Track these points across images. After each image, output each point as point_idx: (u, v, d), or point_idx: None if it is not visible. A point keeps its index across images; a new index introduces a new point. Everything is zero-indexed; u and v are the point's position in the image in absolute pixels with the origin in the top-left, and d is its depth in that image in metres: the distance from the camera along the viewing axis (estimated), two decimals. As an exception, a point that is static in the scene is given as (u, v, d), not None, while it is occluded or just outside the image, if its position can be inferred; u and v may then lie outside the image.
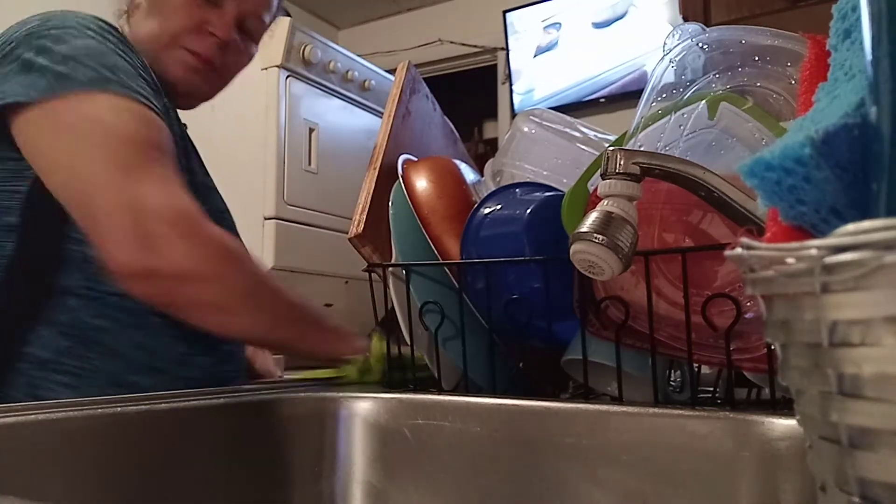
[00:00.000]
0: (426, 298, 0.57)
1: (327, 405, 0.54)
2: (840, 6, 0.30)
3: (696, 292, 0.47)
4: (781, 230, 0.25)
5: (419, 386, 0.59)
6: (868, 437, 0.19)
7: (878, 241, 0.18)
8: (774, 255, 0.21)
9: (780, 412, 0.41)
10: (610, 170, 0.41)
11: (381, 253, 0.64)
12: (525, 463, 0.46)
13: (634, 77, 2.70)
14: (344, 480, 0.52)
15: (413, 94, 0.77)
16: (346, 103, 2.24)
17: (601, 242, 0.39)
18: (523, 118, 0.70)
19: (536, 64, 2.95)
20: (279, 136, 1.99)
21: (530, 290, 0.55)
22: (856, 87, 0.26)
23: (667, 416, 0.43)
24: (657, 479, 0.42)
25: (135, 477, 0.43)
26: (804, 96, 0.35)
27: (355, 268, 0.71)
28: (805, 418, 0.23)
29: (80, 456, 0.41)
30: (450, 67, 3.27)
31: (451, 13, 3.24)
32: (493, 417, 0.49)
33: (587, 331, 0.52)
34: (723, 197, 0.41)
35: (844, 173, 0.23)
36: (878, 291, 0.18)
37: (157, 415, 0.46)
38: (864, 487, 0.20)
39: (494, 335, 0.57)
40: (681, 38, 0.55)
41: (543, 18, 2.93)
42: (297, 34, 2.04)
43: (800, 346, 0.22)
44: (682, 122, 0.52)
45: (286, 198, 2.00)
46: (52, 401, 0.44)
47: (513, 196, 0.61)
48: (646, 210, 0.50)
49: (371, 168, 0.68)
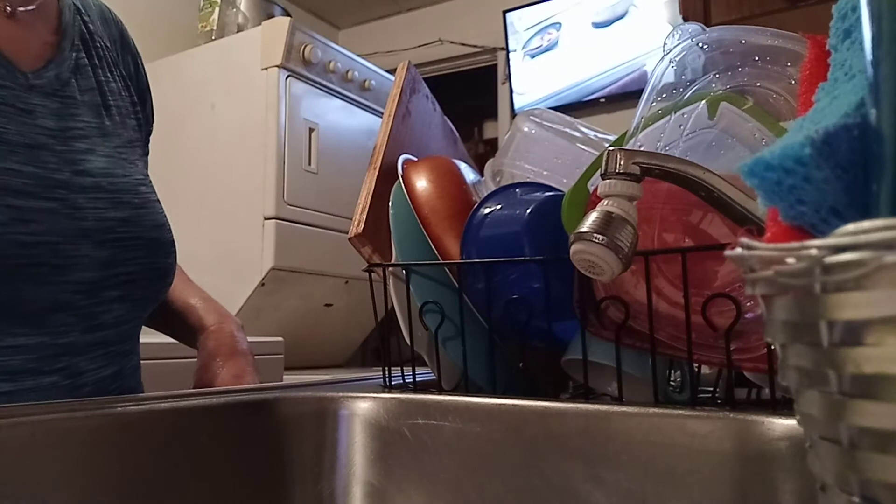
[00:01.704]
0: (426, 298, 0.57)
1: (327, 405, 0.54)
2: (840, 6, 0.30)
3: (696, 292, 0.47)
4: (781, 230, 0.25)
5: (419, 386, 0.59)
6: (868, 437, 0.19)
7: (878, 241, 0.18)
8: (774, 255, 0.21)
9: (780, 412, 0.41)
10: (610, 170, 0.41)
11: (381, 253, 0.64)
12: (525, 463, 0.46)
13: (634, 77, 2.70)
14: (344, 480, 0.52)
15: (413, 94, 0.76)
16: (346, 103, 2.24)
17: (601, 242, 0.39)
18: (523, 118, 0.70)
19: (536, 64, 2.95)
20: (279, 136, 1.99)
21: (530, 290, 0.55)
22: (856, 87, 0.26)
23: (667, 416, 0.43)
24: (657, 479, 0.42)
25: (135, 477, 0.43)
26: (804, 96, 0.35)
27: (355, 268, 0.71)
28: (805, 418, 0.23)
29: (79, 456, 0.41)
30: (450, 67, 3.27)
31: (451, 13, 3.24)
32: (493, 417, 0.49)
33: (587, 331, 0.52)
34: (723, 197, 0.41)
35: (844, 173, 0.23)
36: (878, 291, 0.18)
37: (157, 415, 0.46)
38: (864, 487, 0.20)
39: (494, 335, 0.57)
40: (681, 38, 0.55)
41: (543, 18, 2.93)
42: (297, 34, 2.04)
43: (800, 346, 0.22)
44: (682, 122, 0.52)
45: (286, 198, 2.00)
46: (53, 401, 0.44)
47: (513, 196, 0.61)
48: (646, 210, 0.50)
49: (371, 168, 0.68)
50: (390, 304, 0.61)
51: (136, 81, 0.80)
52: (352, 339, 2.47)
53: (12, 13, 0.67)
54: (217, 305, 0.82)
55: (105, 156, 0.70)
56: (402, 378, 0.62)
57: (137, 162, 0.75)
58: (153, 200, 0.74)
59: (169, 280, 0.76)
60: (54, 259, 0.63)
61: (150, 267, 0.71)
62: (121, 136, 0.73)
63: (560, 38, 2.90)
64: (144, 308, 0.74)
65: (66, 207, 0.65)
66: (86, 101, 0.71)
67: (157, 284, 0.74)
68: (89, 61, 0.72)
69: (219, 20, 2.31)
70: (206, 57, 2.23)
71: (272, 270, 1.97)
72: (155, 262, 0.72)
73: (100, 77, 0.73)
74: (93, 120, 0.71)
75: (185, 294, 0.82)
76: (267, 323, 2.05)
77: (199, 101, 2.17)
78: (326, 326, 2.28)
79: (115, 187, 0.69)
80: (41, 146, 0.65)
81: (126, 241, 0.69)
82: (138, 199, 0.71)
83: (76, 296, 0.64)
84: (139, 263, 0.70)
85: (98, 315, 0.67)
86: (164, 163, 2.29)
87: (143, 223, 0.71)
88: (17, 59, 0.66)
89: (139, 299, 0.71)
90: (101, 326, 0.67)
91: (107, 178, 0.69)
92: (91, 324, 0.66)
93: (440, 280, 0.58)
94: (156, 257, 0.72)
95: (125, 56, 0.79)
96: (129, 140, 0.75)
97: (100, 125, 0.71)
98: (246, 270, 1.98)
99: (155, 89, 0.87)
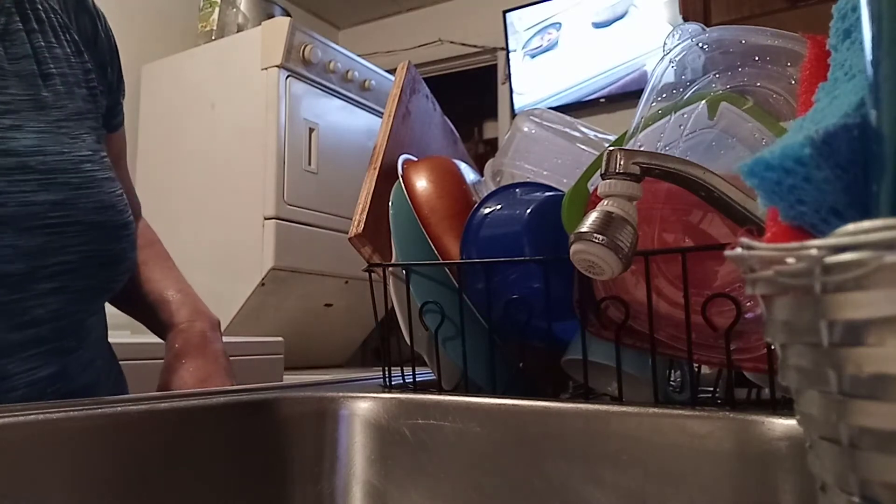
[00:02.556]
0: (426, 298, 0.57)
1: (327, 405, 0.54)
2: (840, 6, 0.30)
3: (697, 292, 0.47)
4: (781, 230, 0.25)
5: (419, 386, 0.59)
6: (868, 437, 0.19)
7: (878, 241, 0.18)
8: (774, 255, 0.21)
9: (780, 412, 0.41)
10: (610, 170, 0.41)
11: (381, 253, 0.64)
12: (525, 463, 0.46)
13: (634, 77, 2.71)
14: (344, 480, 0.52)
15: (413, 94, 0.76)
16: (346, 103, 2.24)
17: (601, 242, 0.39)
18: (523, 118, 0.70)
19: (536, 64, 2.95)
20: (279, 136, 1.99)
21: (530, 290, 0.55)
22: (856, 87, 0.26)
23: (667, 416, 0.43)
24: (657, 479, 0.42)
25: (135, 477, 0.43)
26: (804, 96, 0.35)
27: (355, 268, 0.71)
28: (805, 418, 0.23)
29: (79, 456, 0.41)
30: (450, 67, 3.27)
31: (451, 13, 3.24)
32: (493, 417, 0.49)
33: (587, 331, 0.52)
34: (723, 197, 0.41)
35: (844, 173, 0.23)
36: (878, 291, 0.18)
37: (157, 415, 0.46)
38: (864, 487, 0.20)
39: (494, 335, 0.57)
40: (681, 38, 0.55)
41: (543, 18, 2.93)
42: (297, 34, 2.04)
43: (800, 346, 0.22)
44: (682, 122, 0.52)
45: (286, 198, 2.01)
46: (53, 401, 0.44)
47: (513, 196, 0.61)
48: (646, 210, 0.50)
49: (371, 168, 0.68)
50: (390, 304, 0.61)
51: (95, 45, 0.72)
52: (352, 339, 2.48)
53: None
54: (194, 300, 0.76)
55: (37, 131, 0.62)
56: (402, 378, 0.62)
57: (85, 137, 0.66)
58: (101, 178, 0.65)
59: (122, 267, 0.67)
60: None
61: (93, 254, 0.63)
62: (64, 109, 0.65)
63: (560, 38, 2.90)
64: (90, 300, 0.66)
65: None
66: (16, 70, 0.62)
67: (103, 273, 0.65)
68: (24, 26, 0.64)
69: (219, 20, 2.31)
70: (206, 57, 2.23)
71: (272, 270, 1.97)
72: (99, 248, 0.63)
73: (38, 43, 0.65)
74: (23, 92, 0.62)
75: (161, 285, 0.76)
76: (267, 323, 2.05)
77: (199, 101, 2.17)
78: (326, 326, 2.28)
79: (46, 167, 0.61)
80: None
81: (61, 227, 0.60)
82: (78, 178, 0.63)
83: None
84: (78, 251, 0.61)
85: (28, 311, 0.59)
86: (164, 163, 2.31)
87: (80, 205, 0.62)
88: None
89: (81, 290, 0.63)
90: (33, 323, 0.60)
91: (36, 157, 0.60)
92: (19, 321, 0.59)
93: (440, 280, 0.58)
94: (100, 243, 0.63)
95: (80, 18, 0.71)
96: (74, 112, 0.66)
97: (34, 97, 0.63)
98: (246, 270, 1.98)
99: (155, 89, 0.88)
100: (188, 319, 0.73)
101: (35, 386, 0.61)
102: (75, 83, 0.67)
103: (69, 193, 0.61)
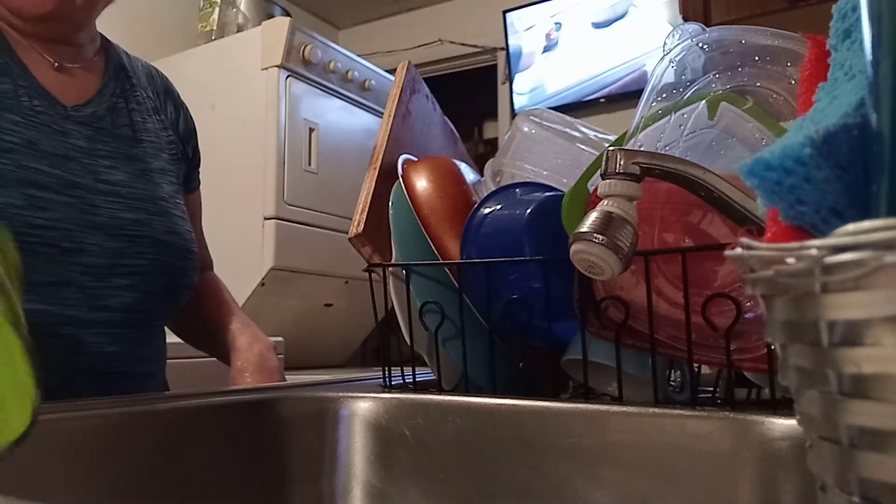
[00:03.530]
0: (426, 298, 0.57)
1: (327, 405, 0.54)
2: (840, 6, 0.30)
3: (696, 292, 0.47)
4: (781, 230, 0.25)
5: (419, 386, 0.59)
6: (868, 437, 0.19)
7: (878, 241, 0.18)
8: (774, 255, 0.21)
9: (780, 412, 0.41)
10: (610, 170, 0.41)
11: (381, 253, 0.64)
12: (525, 463, 0.46)
13: (634, 77, 2.70)
14: (344, 480, 0.52)
15: (413, 94, 0.76)
16: (346, 103, 2.24)
17: (601, 242, 0.39)
18: (523, 118, 0.70)
19: (536, 64, 2.95)
20: (279, 136, 1.99)
21: (530, 290, 0.55)
22: (856, 87, 0.26)
23: (667, 416, 0.43)
24: (657, 479, 0.42)
25: (135, 477, 0.43)
26: (804, 96, 0.35)
27: (355, 268, 0.71)
28: (805, 418, 0.23)
29: (80, 456, 0.41)
30: (450, 67, 3.26)
31: (451, 13, 3.24)
32: (493, 417, 0.49)
33: (587, 331, 0.52)
34: (723, 197, 0.41)
35: (844, 173, 0.23)
36: (878, 291, 0.18)
37: (157, 415, 0.46)
38: (864, 487, 0.20)
39: (494, 335, 0.57)
40: (681, 38, 0.55)
41: (543, 18, 2.93)
42: (297, 34, 2.04)
43: (800, 346, 0.22)
44: (682, 122, 0.52)
45: (286, 198, 2.00)
46: (53, 403, 0.44)
47: (513, 196, 0.61)
48: (646, 210, 0.50)
49: (371, 168, 0.68)
50: (390, 304, 0.61)
51: (177, 126, 0.92)
52: (352, 339, 2.47)
53: (60, 67, 0.78)
54: (253, 329, 0.89)
55: (128, 173, 0.79)
56: (402, 378, 0.62)
57: (164, 185, 0.83)
58: (172, 213, 0.82)
59: (184, 282, 0.82)
60: (65, 243, 0.70)
61: (160, 263, 0.78)
62: (150, 164, 0.82)
63: (560, 38, 2.90)
64: (156, 303, 0.79)
65: (82, 203, 0.73)
66: (118, 133, 0.80)
67: (168, 281, 0.80)
68: (126, 105, 0.84)
69: (219, 20, 2.31)
70: (206, 57, 2.23)
71: (272, 270, 1.97)
72: (166, 259, 0.78)
73: (135, 118, 0.84)
74: (121, 146, 0.80)
75: (226, 320, 0.89)
76: (267, 323, 2.04)
77: (200, 101, 2.16)
78: (326, 326, 2.28)
79: (131, 196, 0.78)
80: (70, 157, 0.74)
81: (136, 238, 0.76)
82: (154, 207, 0.79)
83: (84, 276, 0.72)
84: (148, 258, 0.76)
85: (105, 297, 0.74)
86: (164, 163, 2.30)
87: (154, 225, 0.78)
88: (61, 96, 0.77)
89: (149, 292, 0.77)
90: (108, 308, 0.74)
91: (125, 188, 0.77)
92: (98, 304, 0.73)
93: (440, 280, 0.58)
94: (166, 256, 0.78)
95: (167, 105, 0.92)
96: (158, 168, 0.83)
97: (128, 152, 0.80)
98: (246, 270, 1.98)
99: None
100: (248, 343, 0.86)
101: (99, 357, 0.74)
102: (160, 149, 0.85)
103: (146, 216, 0.78)
